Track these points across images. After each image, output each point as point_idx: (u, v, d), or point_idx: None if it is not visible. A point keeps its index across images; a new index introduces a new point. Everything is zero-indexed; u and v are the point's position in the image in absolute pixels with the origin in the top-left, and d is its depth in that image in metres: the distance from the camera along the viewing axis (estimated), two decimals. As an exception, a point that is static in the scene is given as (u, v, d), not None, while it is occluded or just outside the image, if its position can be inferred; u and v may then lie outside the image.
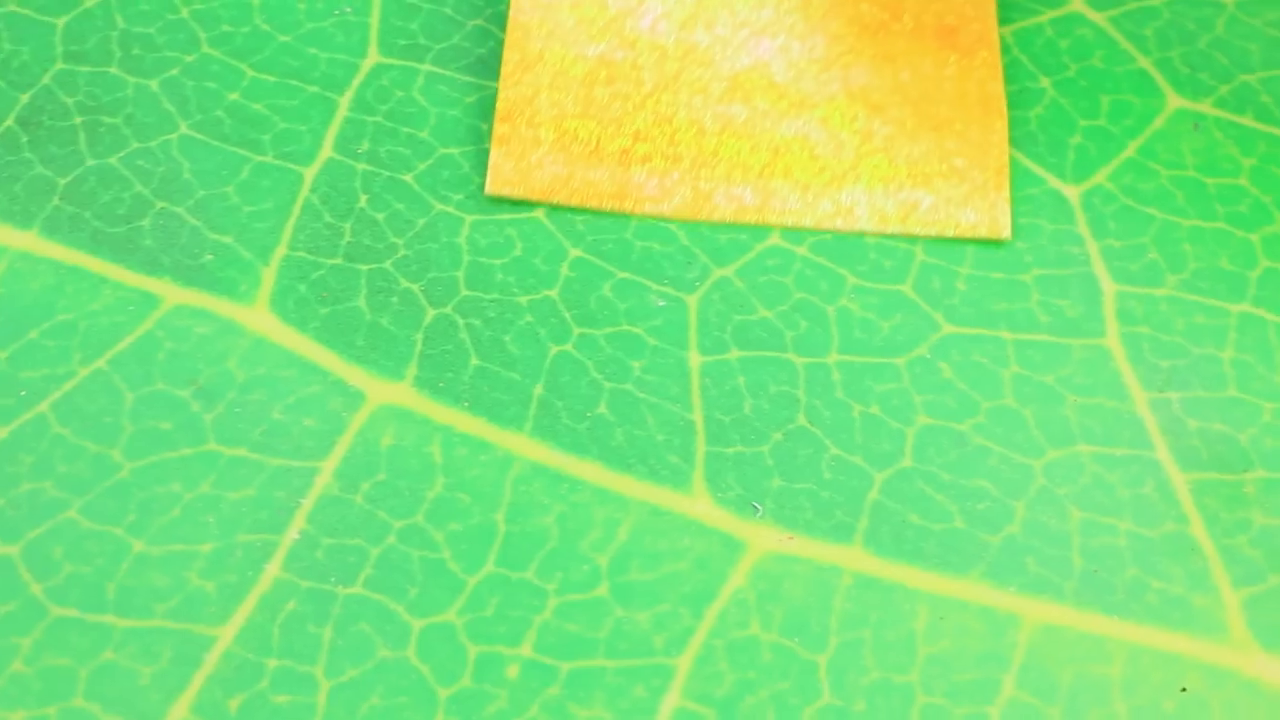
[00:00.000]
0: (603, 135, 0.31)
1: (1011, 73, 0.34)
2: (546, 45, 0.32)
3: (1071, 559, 0.27)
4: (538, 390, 0.29)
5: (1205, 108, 0.34)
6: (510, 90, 0.32)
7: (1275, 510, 0.28)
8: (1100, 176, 0.32)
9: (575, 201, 0.30)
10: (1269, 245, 0.32)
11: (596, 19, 0.32)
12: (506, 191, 0.30)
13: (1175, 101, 0.34)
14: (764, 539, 0.27)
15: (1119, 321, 0.30)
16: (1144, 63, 0.34)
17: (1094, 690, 0.26)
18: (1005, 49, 0.34)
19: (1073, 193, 0.32)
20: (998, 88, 0.33)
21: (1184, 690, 0.26)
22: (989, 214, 0.31)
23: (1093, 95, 0.34)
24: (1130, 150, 0.33)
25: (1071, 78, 0.34)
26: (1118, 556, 0.27)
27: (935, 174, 0.31)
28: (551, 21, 0.32)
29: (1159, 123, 0.33)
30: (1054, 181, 0.32)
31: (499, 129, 0.31)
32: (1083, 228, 0.32)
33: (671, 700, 0.25)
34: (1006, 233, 0.31)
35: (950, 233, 0.31)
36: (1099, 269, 0.31)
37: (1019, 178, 0.32)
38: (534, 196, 0.30)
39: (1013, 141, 0.33)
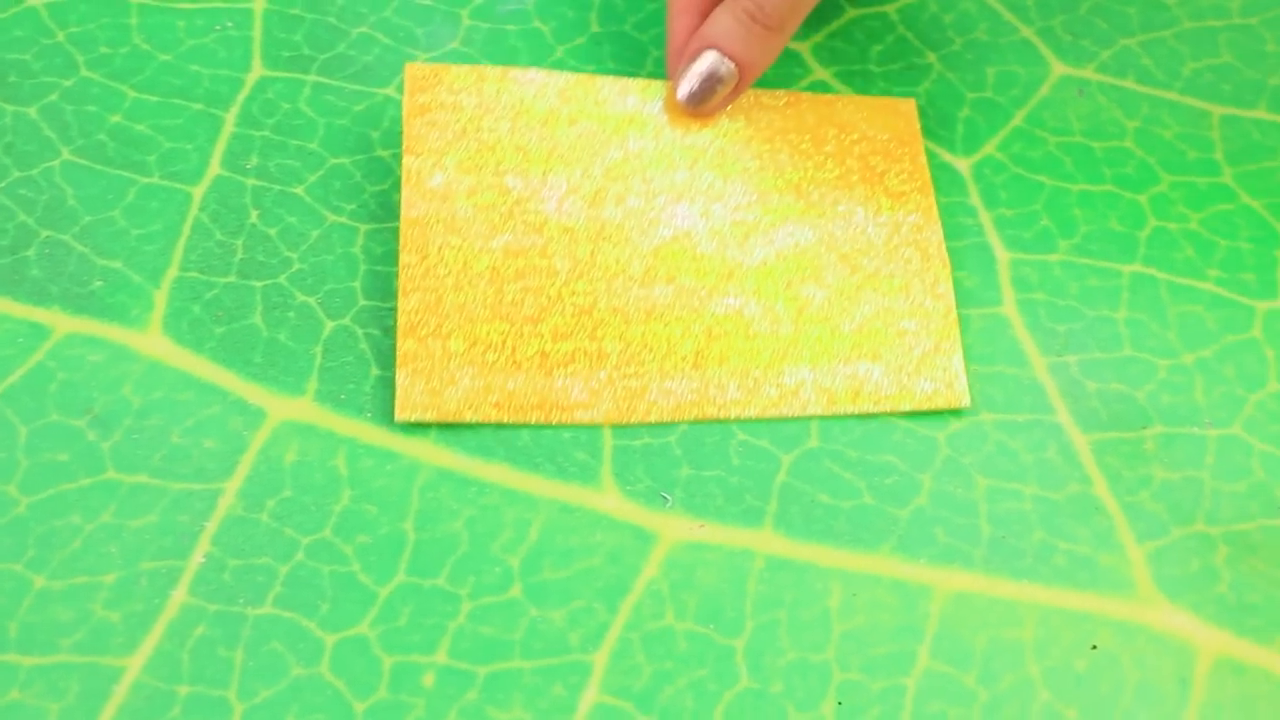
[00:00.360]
0: (518, 339, 0.28)
1: (898, 49, 0.34)
2: (446, 240, 0.29)
3: (979, 526, 0.28)
4: (441, 396, 0.28)
5: (1089, 73, 0.34)
6: (411, 298, 0.28)
7: (1175, 464, 0.28)
8: (990, 147, 0.33)
9: (495, 418, 0.27)
10: (1156, 205, 0.32)
11: (497, 205, 0.29)
12: (417, 417, 0.27)
13: (1059, 69, 0.34)
14: (675, 529, 0.27)
15: (1015, 289, 0.31)
16: (1027, 32, 0.35)
17: (1007, 654, 0.26)
18: (889, 26, 0.35)
19: (963, 165, 0.32)
20: (936, 233, 0.30)
21: (1094, 648, 0.26)
22: (944, 380, 0.29)
23: (978, 68, 0.34)
24: (1018, 119, 0.33)
25: (957, 51, 0.34)
26: (1024, 521, 0.28)
27: (882, 342, 0.29)
28: (448, 213, 0.29)
29: (1044, 90, 0.34)
30: (945, 155, 0.33)
31: (403, 345, 0.28)
32: (975, 199, 0.32)
33: (590, 696, 0.25)
34: (966, 400, 0.28)
35: (906, 406, 0.28)
36: (992, 238, 0.31)
37: (910, 153, 0.33)
38: (449, 418, 0.27)
39: (901, 118, 0.33)
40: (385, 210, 0.31)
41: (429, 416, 0.27)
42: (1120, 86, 0.34)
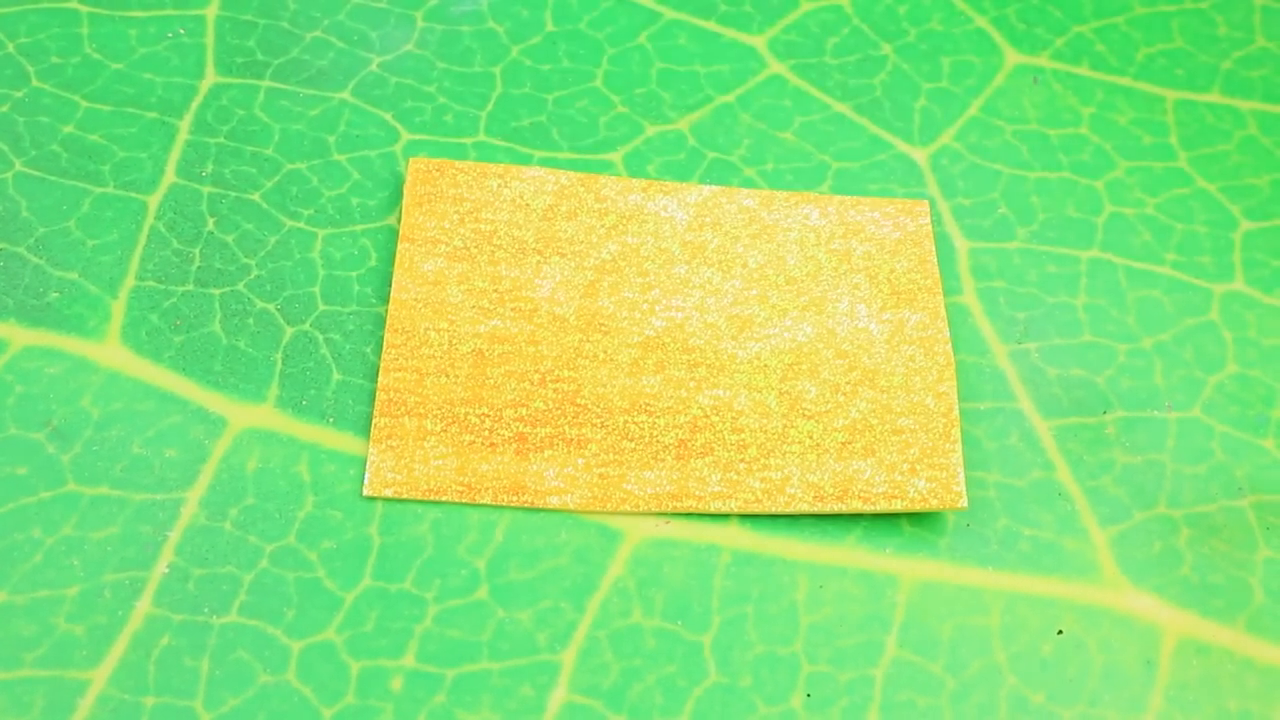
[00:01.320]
0: (496, 421, 0.28)
1: (854, 42, 0.34)
2: (433, 324, 0.29)
3: (944, 515, 0.28)
4: (403, 399, 0.28)
5: (1043, 61, 0.34)
6: (391, 376, 0.28)
7: (1135, 448, 0.29)
8: (946, 137, 0.33)
9: (467, 499, 0.27)
10: (1112, 190, 0.32)
11: (488, 291, 0.29)
12: (388, 493, 0.27)
13: (1014, 57, 0.34)
14: (640, 526, 0.27)
15: (974, 278, 0.31)
16: (981, 22, 0.35)
17: (974, 641, 0.26)
18: (844, 19, 0.35)
19: (920, 155, 0.33)
20: (942, 332, 0.29)
21: (1060, 633, 0.26)
22: (941, 480, 0.28)
23: (934, 58, 0.34)
24: (973, 109, 0.33)
25: (912, 42, 0.35)
26: (989, 508, 0.28)
27: (876, 439, 0.28)
28: (438, 298, 0.29)
29: (999, 79, 0.34)
30: (902, 145, 0.33)
31: (378, 423, 0.28)
32: (933, 189, 0.32)
33: (559, 696, 0.25)
34: (963, 502, 0.27)
35: (899, 506, 0.27)
36: (951, 228, 0.31)
37: (868, 144, 0.33)
38: (419, 495, 0.27)
39: (858, 109, 0.33)
40: (343, 214, 0.31)
41: (401, 493, 0.27)
42: (1074, 73, 0.34)
